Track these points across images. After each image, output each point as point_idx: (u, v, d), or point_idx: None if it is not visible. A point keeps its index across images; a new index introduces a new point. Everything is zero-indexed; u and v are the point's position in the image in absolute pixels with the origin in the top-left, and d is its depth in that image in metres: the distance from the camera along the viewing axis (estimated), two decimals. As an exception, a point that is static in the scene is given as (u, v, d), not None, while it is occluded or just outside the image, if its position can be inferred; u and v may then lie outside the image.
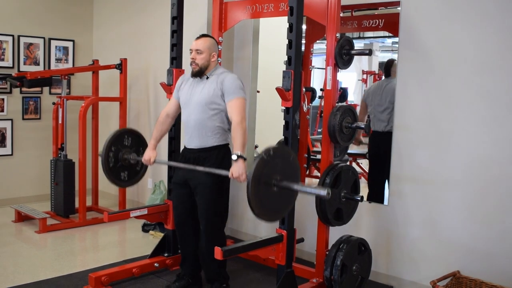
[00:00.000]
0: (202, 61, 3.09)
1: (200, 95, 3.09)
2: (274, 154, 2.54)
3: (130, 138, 3.57)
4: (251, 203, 2.48)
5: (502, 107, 3.09)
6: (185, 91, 3.21)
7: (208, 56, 3.11)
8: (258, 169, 2.47)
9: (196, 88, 3.14)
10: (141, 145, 3.61)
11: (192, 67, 3.12)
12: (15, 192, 5.52)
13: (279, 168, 2.58)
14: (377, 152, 4.29)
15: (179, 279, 3.36)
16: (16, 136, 5.49)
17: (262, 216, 2.59)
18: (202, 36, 3.17)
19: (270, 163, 2.53)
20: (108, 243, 4.45)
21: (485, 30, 3.13)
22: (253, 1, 3.79)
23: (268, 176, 2.54)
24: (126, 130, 3.67)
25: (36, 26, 5.56)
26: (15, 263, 3.80)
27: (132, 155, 3.51)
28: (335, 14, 3.16)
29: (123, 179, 3.54)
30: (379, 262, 3.62)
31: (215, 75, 3.12)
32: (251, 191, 2.44)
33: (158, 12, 5.05)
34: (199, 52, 3.08)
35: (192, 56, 3.09)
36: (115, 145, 3.48)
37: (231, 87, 3.03)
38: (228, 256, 2.69)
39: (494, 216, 3.13)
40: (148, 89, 5.28)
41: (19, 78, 4.71)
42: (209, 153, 3.10)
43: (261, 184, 2.51)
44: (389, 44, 5.15)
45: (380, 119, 4.08)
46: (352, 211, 3.27)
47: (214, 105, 3.05)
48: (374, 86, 4.41)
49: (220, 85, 3.05)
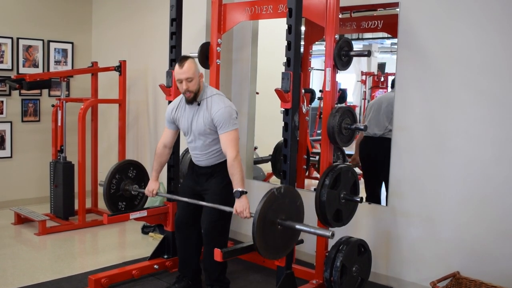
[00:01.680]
0: (194, 87, 3.05)
1: (197, 125, 3.12)
2: (284, 193, 2.59)
3: (135, 171, 3.69)
4: (256, 235, 2.50)
5: (501, 108, 3.09)
6: (184, 120, 3.19)
7: (198, 79, 3.08)
8: (267, 203, 2.52)
9: (191, 116, 3.15)
10: (144, 179, 3.72)
11: (186, 96, 3.08)
12: (15, 194, 5.51)
13: (286, 208, 2.64)
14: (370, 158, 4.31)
15: (178, 280, 3.36)
16: (15, 138, 5.48)
17: (263, 251, 2.60)
18: (183, 61, 3.05)
19: (279, 200, 2.59)
20: (108, 245, 4.44)
21: (484, 31, 3.13)
22: (252, 3, 3.79)
23: (274, 213, 2.59)
24: (132, 162, 3.76)
25: (35, 28, 5.56)
26: (15, 265, 3.80)
27: (134, 186, 3.61)
28: (334, 15, 3.17)
29: (120, 208, 3.61)
30: (379, 263, 3.62)
31: (205, 100, 3.10)
32: (256, 225, 2.48)
33: (157, 14, 5.06)
34: (189, 80, 3.02)
35: (184, 86, 3.02)
36: (119, 173, 3.59)
37: (221, 119, 3.02)
38: (227, 258, 2.69)
39: (493, 217, 3.13)
40: (147, 91, 5.28)
41: (18, 81, 4.70)
42: (219, 168, 3.16)
43: (267, 219, 2.55)
44: (388, 45, 5.15)
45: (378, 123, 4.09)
46: (352, 212, 3.27)
47: (212, 131, 3.08)
48: (379, 97, 4.42)
49: (210, 115, 3.05)
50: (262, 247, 2.57)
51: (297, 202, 2.71)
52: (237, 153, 2.99)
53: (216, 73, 3.92)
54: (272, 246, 2.65)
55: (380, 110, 4.11)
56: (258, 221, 2.47)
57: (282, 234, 2.65)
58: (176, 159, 3.71)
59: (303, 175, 4.40)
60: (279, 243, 2.68)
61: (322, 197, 3.03)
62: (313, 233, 2.67)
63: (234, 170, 2.95)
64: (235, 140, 3.03)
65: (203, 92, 3.12)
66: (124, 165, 3.64)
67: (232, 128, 3.03)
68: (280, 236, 2.65)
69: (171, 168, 3.70)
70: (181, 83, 3.04)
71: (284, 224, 2.62)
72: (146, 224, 4.61)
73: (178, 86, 3.10)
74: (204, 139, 3.11)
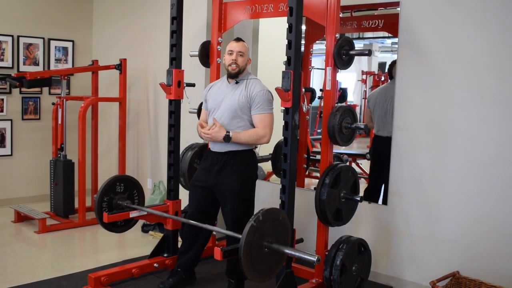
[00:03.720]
0: (242, 63, 3.18)
1: (230, 100, 3.15)
2: (263, 219, 2.53)
3: (122, 185, 3.55)
4: (243, 267, 2.47)
5: (502, 107, 3.09)
6: (213, 96, 3.27)
7: (247, 60, 3.22)
8: (249, 236, 2.46)
9: (226, 92, 3.21)
10: (135, 189, 3.63)
11: (231, 69, 3.17)
12: (15, 193, 5.51)
13: (270, 231, 2.58)
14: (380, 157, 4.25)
15: (172, 275, 3.40)
16: (15, 136, 5.49)
17: (253, 277, 2.57)
18: (241, 40, 3.24)
19: (260, 228, 2.52)
20: (108, 243, 4.44)
21: (485, 30, 3.13)
22: (252, 2, 3.79)
23: (259, 241, 2.53)
24: (118, 178, 3.60)
25: (36, 26, 5.56)
26: (15, 263, 3.80)
27: (127, 202, 3.51)
28: (334, 14, 3.16)
29: (119, 224, 3.52)
30: (378, 262, 3.62)
31: (245, 81, 3.19)
32: (243, 258, 2.45)
33: (157, 12, 5.05)
34: (241, 54, 3.17)
35: (233, 57, 3.15)
36: (106, 194, 3.46)
37: (262, 100, 3.11)
38: (228, 257, 2.69)
39: (493, 216, 3.13)
40: (147, 90, 5.28)
41: (18, 79, 4.70)
42: (234, 156, 3.16)
43: (253, 249, 2.50)
44: (389, 45, 5.15)
45: (385, 123, 4.04)
46: (352, 212, 3.27)
47: (240, 112, 3.13)
48: (378, 90, 4.34)
49: (248, 94, 3.12)
50: (252, 275, 2.53)
51: (279, 218, 2.65)
52: (266, 134, 3.10)
53: (216, 71, 3.92)
54: (262, 270, 2.59)
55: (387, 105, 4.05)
56: (244, 254, 2.44)
57: (270, 256, 2.60)
58: (176, 158, 3.70)
59: (303, 174, 4.39)
60: (268, 265, 2.62)
61: (322, 196, 3.03)
62: (299, 257, 2.63)
63: (250, 133, 3.08)
64: (271, 124, 3.12)
65: (245, 74, 3.23)
66: (111, 183, 3.49)
67: (270, 112, 3.14)
68: (268, 259, 2.60)
69: (171, 167, 3.70)
70: (231, 55, 3.16)
71: (270, 247, 2.57)
72: (146, 222, 4.61)
73: (224, 58, 3.22)
74: (231, 115, 3.12)
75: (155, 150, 5.16)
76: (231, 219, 3.18)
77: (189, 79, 3.82)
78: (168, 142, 3.71)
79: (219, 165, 3.17)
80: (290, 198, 2.95)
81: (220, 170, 3.17)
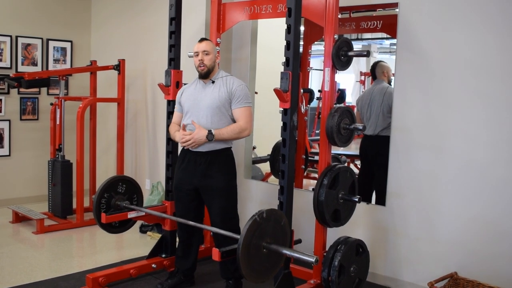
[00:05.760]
0: (209, 62, 3.17)
1: (210, 99, 3.13)
2: (267, 217, 2.53)
3: (124, 186, 3.57)
4: (241, 262, 2.45)
5: (500, 109, 3.09)
6: (188, 97, 3.24)
7: (214, 58, 3.21)
8: (251, 230, 2.46)
9: (202, 92, 3.19)
10: (136, 192, 3.65)
11: (200, 70, 3.17)
12: (13, 193, 5.51)
13: (270, 231, 2.57)
14: (366, 155, 4.30)
15: (171, 276, 3.40)
16: (13, 136, 5.48)
17: (250, 277, 2.55)
18: (204, 40, 3.23)
19: (262, 225, 2.52)
20: (106, 244, 4.44)
21: (483, 32, 3.14)
22: (251, 2, 3.79)
23: (258, 241, 2.52)
24: (118, 178, 3.61)
25: (34, 26, 5.55)
26: (12, 264, 3.79)
27: (125, 202, 3.52)
28: (333, 15, 3.17)
29: (114, 225, 3.53)
30: (376, 263, 3.62)
31: (220, 79, 3.19)
32: (241, 251, 2.43)
33: (156, 13, 5.05)
34: (206, 53, 3.16)
35: (199, 58, 3.15)
36: (107, 191, 3.48)
37: (241, 94, 3.13)
38: (226, 258, 2.69)
39: (491, 217, 3.14)
40: (146, 90, 5.28)
41: (17, 79, 4.70)
42: (218, 155, 3.15)
43: (251, 249, 2.49)
44: (387, 46, 5.15)
45: (371, 122, 4.09)
46: (350, 212, 3.27)
47: (223, 109, 3.12)
48: (365, 92, 4.43)
49: (228, 90, 3.12)
50: (249, 274, 2.51)
51: (282, 222, 2.64)
52: (248, 127, 3.12)
53: (215, 72, 3.91)
54: (259, 270, 2.58)
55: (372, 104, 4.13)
56: (243, 249, 2.43)
57: (268, 257, 2.59)
58: (174, 158, 3.70)
59: (301, 175, 4.40)
60: (266, 266, 2.61)
61: (320, 197, 3.03)
62: (298, 258, 2.63)
63: (233, 127, 3.08)
64: (250, 116, 3.15)
65: (217, 72, 3.24)
66: (112, 182, 3.50)
67: (249, 105, 3.16)
68: (266, 259, 2.59)
69: (169, 167, 3.70)
70: (197, 56, 3.16)
71: (269, 247, 2.57)
72: (144, 223, 4.60)
73: (194, 61, 3.20)
74: (212, 113, 3.10)
75: (153, 151, 5.16)
76: (220, 218, 3.16)
77: (188, 80, 3.81)
78: (166, 142, 3.71)
79: (203, 166, 3.14)
80: (288, 199, 2.96)
81: (205, 171, 3.14)
